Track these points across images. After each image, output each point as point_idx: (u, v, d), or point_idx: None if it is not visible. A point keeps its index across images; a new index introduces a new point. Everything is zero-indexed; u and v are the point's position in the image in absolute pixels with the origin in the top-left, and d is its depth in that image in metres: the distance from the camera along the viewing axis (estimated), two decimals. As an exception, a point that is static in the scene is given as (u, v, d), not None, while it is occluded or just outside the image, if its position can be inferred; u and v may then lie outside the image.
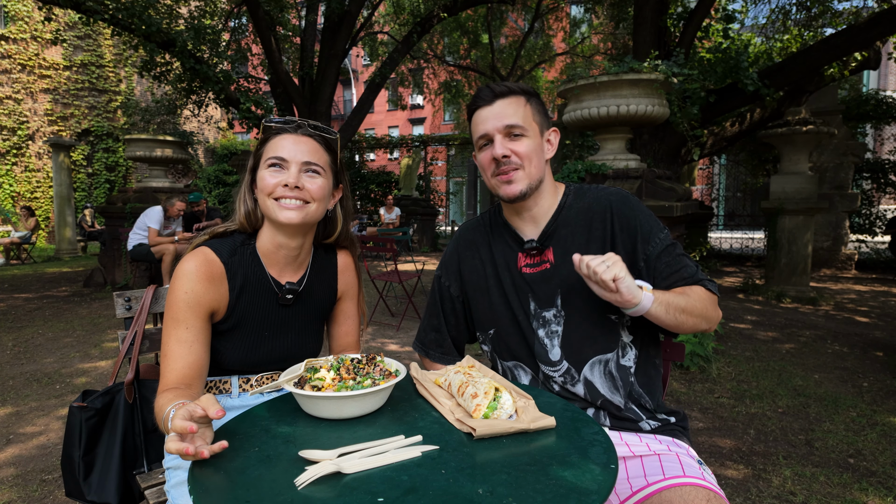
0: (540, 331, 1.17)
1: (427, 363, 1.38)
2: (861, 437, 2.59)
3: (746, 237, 10.67)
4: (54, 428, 2.77)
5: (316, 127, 1.13)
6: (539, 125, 1.18)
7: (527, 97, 1.17)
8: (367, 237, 5.96)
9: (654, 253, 1.15)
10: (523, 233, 1.23)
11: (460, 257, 1.32)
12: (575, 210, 1.21)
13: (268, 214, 1.11)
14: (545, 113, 1.21)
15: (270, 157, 1.09)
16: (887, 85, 19.26)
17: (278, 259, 1.17)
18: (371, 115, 28.60)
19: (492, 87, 1.17)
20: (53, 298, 6.36)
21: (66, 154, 10.92)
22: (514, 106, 1.15)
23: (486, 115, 1.15)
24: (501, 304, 1.23)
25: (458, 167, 18.87)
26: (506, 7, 13.75)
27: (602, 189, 1.23)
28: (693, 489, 0.96)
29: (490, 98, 1.16)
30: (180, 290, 1.05)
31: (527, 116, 1.15)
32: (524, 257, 1.22)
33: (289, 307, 1.19)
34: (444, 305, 1.35)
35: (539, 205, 1.21)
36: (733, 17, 6.51)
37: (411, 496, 0.67)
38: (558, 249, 1.19)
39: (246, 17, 10.27)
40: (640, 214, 1.17)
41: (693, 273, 1.15)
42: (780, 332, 4.63)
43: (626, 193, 1.20)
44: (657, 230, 1.16)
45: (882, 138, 13.74)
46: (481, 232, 1.31)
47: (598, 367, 1.15)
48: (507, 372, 1.26)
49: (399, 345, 4.32)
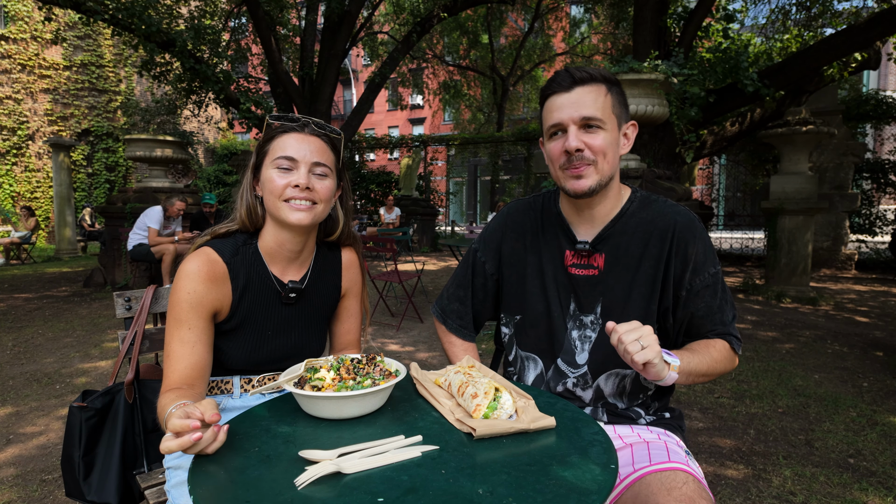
0: (574, 332, 1.15)
1: (441, 330, 1.36)
2: (861, 437, 2.59)
3: (746, 237, 10.67)
4: (54, 428, 2.77)
5: (322, 126, 1.12)
6: (618, 118, 1.08)
7: (608, 86, 1.07)
8: (367, 237, 5.96)
9: (699, 287, 1.10)
10: (577, 230, 1.17)
11: (503, 236, 1.26)
12: (636, 220, 1.14)
13: (275, 215, 1.10)
14: (625, 104, 1.11)
15: (279, 156, 1.07)
16: (887, 85, 19.26)
17: (281, 257, 1.16)
18: (371, 115, 28.60)
19: (571, 72, 1.07)
20: (53, 298, 6.36)
21: (66, 154, 10.92)
22: (594, 95, 1.05)
23: (562, 103, 1.06)
24: (537, 294, 1.19)
25: (458, 167, 18.87)
26: (506, 7, 13.76)
27: (669, 205, 1.15)
28: (672, 473, 0.96)
29: (568, 84, 1.06)
30: (183, 291, 1.04)
31: (606, 108, 1.06)
32: (572, 255, 1.16)
33: (292, 306, 1.19)
34: (476, 280, 1.30)
35: (602, 205, 1.13)
36: (733, 17, 6.52)
37: (411, 496, 0.67)
38: (610, 257, 1.13)
39: (246, 17, 10.28)
40: (700, 243, 1.10)
41: (726, 326, 1.11)
42: (780, 332, 4.63)
43: (693, 217, 1.13)
44: (710, 264, 1.11)
45: (882, 138, 13.74)
46: (531, 217, 1.24)
47: (614, 378, 1.14)
48: (520, 359, 1.24)
49: (399, 345, 4.32)
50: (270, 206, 1.10)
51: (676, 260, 1.10)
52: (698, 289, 1.10)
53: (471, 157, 17.60)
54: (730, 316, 1.12)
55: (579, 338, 1.15)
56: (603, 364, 1.14)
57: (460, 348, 1.32)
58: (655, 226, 1.12)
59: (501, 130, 15.71)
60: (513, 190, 15.82)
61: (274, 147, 1.09)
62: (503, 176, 15.71)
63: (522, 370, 1.23)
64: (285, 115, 1.11)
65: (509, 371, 1.29)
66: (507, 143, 14.26)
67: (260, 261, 1.15)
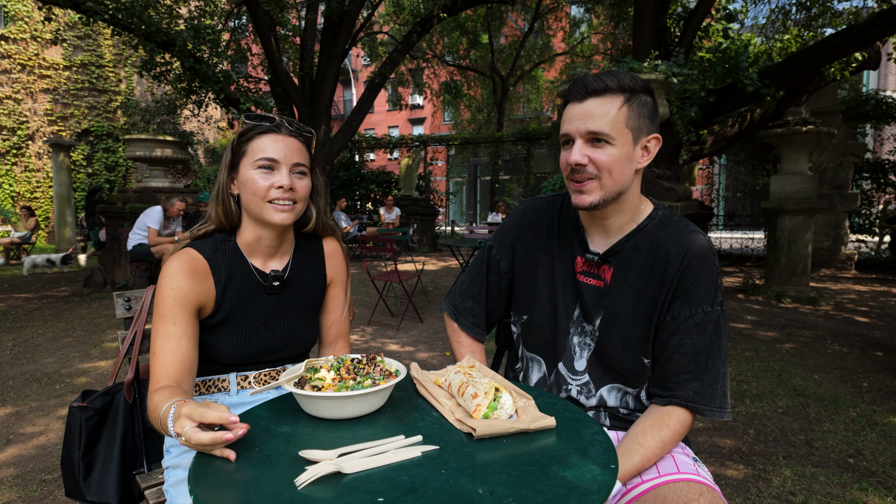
0: (575, 337, 1.15)
1: (452, 328, 1.34)
2: (861, 437, 2.59)
3: (746, 237, 10.68)
4: (54, 428, 2.77)
5: (296, 125, 1.15)
6: (634, 130, 1.02)
7: (627, 96, 1.01)
8: (367, 237, 5.96)
9: (686, 319, 1.04)
10: (591, 238, 1.15)
11: (519, 234, 1.25)
12: (651, 239, 1.09)
13: (258, 215, 1.12)
14: (648, 114, 1.04)
15: (260, 157, 1.09)
16: (887, 85, 19.26)
17: (261, 251, 1.19)
18: (371, 115, 28.61)
19: (587, 82, 1.01)
20: (53, 298, 6.36)
21: (66, 154, 10.92)
22: (607, 107, 1.00)
23: (573, 114, 1.03)
24: (546, 295, 1.18)
25: (458, 167, 18.87)
26: (506, 7, 13.77)
27: (689, 231, 1.09)
28: (686, 485, 0.95)
29: (581, 94, 1.02)
30: (166, 287, 1.06)
31: (617, 122, 1.00)
32: (582, 263, 1.15)
33: (277, 295, 1.20)
34: (490, 278, 1.29)
35: (616, 217, 1.10)
36: (733, 17, 6.51)
37: (411, 496, 0.67)
38: (618, 272, 1.10)
39: (246, 17, 10.28)
40: (706, 276, 1.05)
41: (692, 393, 1.03)
42: (779, 332, 4.63)
43: (708, 249, 1.07)
44: (708, 301, 1.04)
45: (882, 138, 13.75)
46: (548, 217, 1.22)
47: (617, 392, 1.14)
48: (525, 359, 1.24)
49: (399, 345, 4.32)
50: (252, 206, 1.12)
51: (680, 285, 1.06)
52: (685, 321, 1.04)
53: (471, 157, 17.60)
54: (702, 382, 1.03)
55: (579, 344, 1.15)
56: (602, 374, 1.13)
57: (468, 349, 1.30)
58: (669, 250, 1.07)
59: (501, 130, 15.72)
60: (513, 190, 15.81)
61: (253, 148, 1.11)
62: (503, 176, 15.71)
63: (528, 371, 1.23)
64: (261, 115, 1.14)
65: (516, 369, 1.28)
66: (507, 143, 14.26)
67: (240, 255, 1.18)
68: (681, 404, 1.04)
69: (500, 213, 10.90)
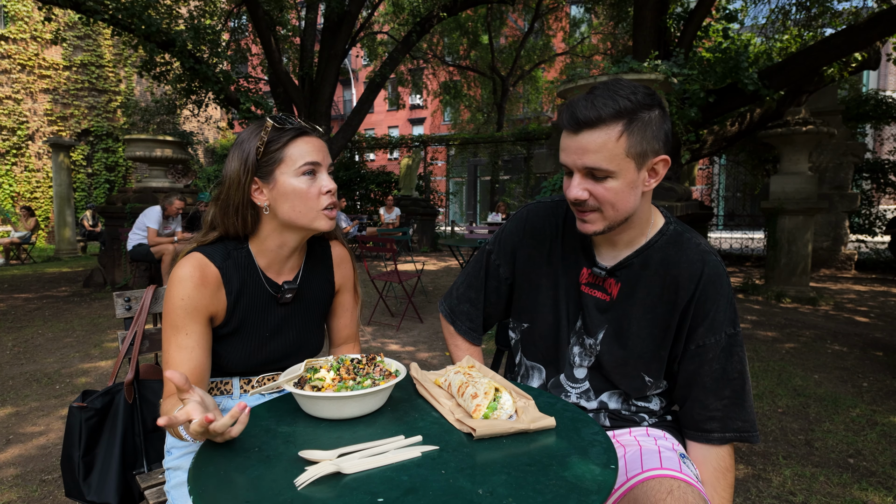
0: (575, 347, 1.14)
1: (448, 331, 1.32)
2: (861, 437, 2.59)
3: (746, 237, 10.68)
4: (54, 428, 2.77)
5: (315, 126, 1.13)
6: (638, 157, 0.94)
7: (626, 121, 0.92)
8: (367, 237, 5.96)
9: (712, 345, 1.04)
10: (598, 250, 1.11)
11: (520, 241, 1.20)
12: (662, 255, 1.06)
13: (306, 224, 1.07)
14: (654, 133, 0.94)
15: (303, 163, 1.03)
16: (887, 85, 19.26)
17: (275, 259, 1.14)
18: (371, 115, 28.59)
19: (577, 114, 0.93)
20: (53, 298, 6.36)
21: (66, 154, 10.92)
22: (603, 140, 0.92)
23: (568, 145, 0.96)
24: (548, 304, 1.15)
25: (458, 167, 18.86)
26: (506, 7, 13.77)
27: (701, 250, 1.06)
28: (657, 482, 0.93)
29: (574, 127, 0.94)
30: (177, 297, 1.02)
31: (617, 155, 0.92)
32: (588, 274, 1.11)
33: (287, 305, 1.18)
34: (489, 283, 1.26)
35: (625, 233, 1.06)
36: (733, 17, 6.51)
37: (411, 496, 0.67)
38: (626, 288, 1.07)
39: (246, 17, 10.28)
40: (723, 300, 1.03)
41: (741, 423, 1.04)
42: (779, 332, 4.63)
43: (721, 270, 1.05)
44: (728, 324, 1.04)
45: (882, 138, 13.74)
46: (552, 224, 1.17)
47: (618, 398, 1.14)
48: (524, 367, 1.23)
49: (399, 345, 4.32)
50: (298, 216, 1.05)
51: (695, 311, 1.03)
52: (711, 348, 1.04)
53: (471, 157, 17.61)
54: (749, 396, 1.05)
55: (579, 354, 1.14)
56: (602, 384, 1.13)
57: (465, 352, 1.30)
58: (681, 269, 1.04)
59: (501, 130, 15.72)
60: (512, 190, 15.82)
61: (291, 155, 1.04)
62: (503, 176, 15.72)
63: (526, 378, 1.23)
64: (290, 118, 1.07)
65: (513, 373, 1.28)
66: (507, 143, 14.26)
67: (252, 264, 1.13)
68: (734, 438, 1.05)
69: (500, 213, 10.90)
